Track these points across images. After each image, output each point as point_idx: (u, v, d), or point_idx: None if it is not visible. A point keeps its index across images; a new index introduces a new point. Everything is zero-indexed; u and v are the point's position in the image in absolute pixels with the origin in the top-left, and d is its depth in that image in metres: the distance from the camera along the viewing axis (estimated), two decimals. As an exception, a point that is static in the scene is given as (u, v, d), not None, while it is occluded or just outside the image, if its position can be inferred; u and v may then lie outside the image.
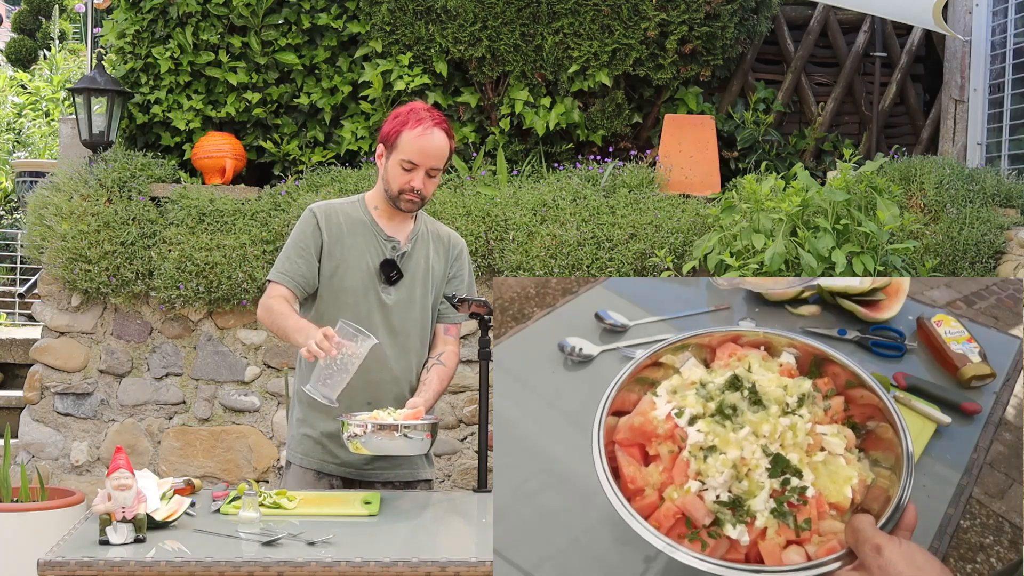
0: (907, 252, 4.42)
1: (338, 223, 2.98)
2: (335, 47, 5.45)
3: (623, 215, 4.86)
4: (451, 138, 2.98)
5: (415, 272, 3.02)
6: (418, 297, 3.03)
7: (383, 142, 2.97)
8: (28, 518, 4.28)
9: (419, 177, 2.92)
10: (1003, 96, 5.49)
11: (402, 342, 3.02)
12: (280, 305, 2.91)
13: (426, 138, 2.90)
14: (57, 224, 4.88)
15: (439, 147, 2.93)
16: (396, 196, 2.95)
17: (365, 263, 2.98)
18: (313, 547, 2.31)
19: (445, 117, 3.00)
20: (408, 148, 2.91)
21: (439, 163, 2.94)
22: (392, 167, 2.94)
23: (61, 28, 14.05)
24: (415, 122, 2.91)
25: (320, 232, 2.97)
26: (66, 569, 2.16)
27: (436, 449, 4.93)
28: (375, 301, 2.98)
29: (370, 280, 2.98)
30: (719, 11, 5.33)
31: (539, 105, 5.39)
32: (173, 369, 4.97)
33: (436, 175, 2.96)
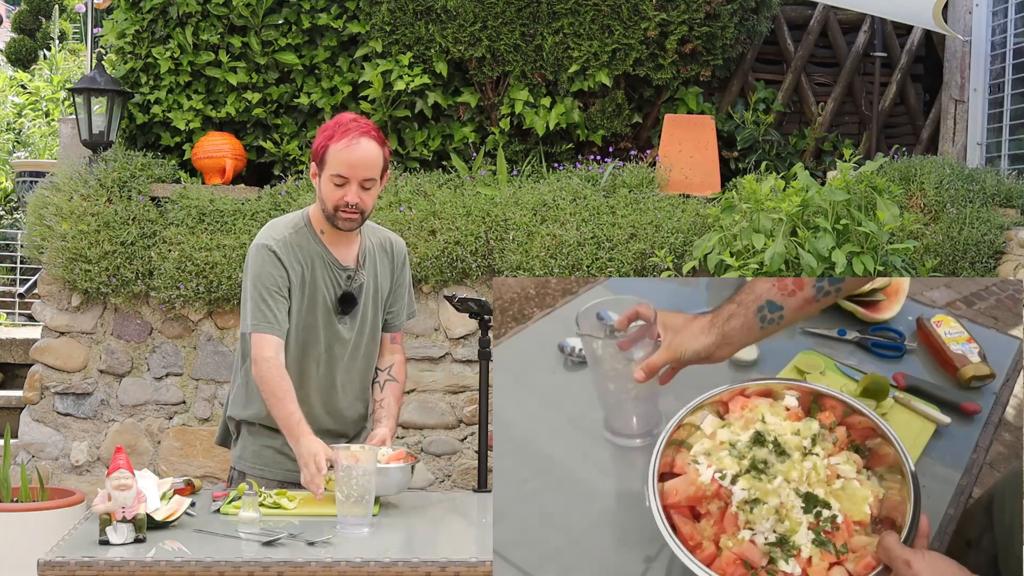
0: (907, 252, 4.42)
1: (298, 259, 2.85)
2: (335, 47, 5.45)
3: (623, 215, 4.86)
4: (383, 145, 2.82)
5: (367, 295, 2.96)
6: (369, 317, 2.97)
7: (314, 160, 2.84)
8: (28, 518, 4.28)
9: (352, 191, 2.77)
10: (1003, 96, 5.49)
11: (359, 365, 2.99)
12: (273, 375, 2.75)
13: (352, 149, 2.76)
14: (57, 224, 4.88)
15: (368, 156, 2.77)
16: (332, 214, 2.81)
17: (324, 297, 2.89)
18: (313, 547, 2.31)
19: (374, 125, 2.84)
20: (336, 162, 2.77)
21: (371, 173, 2.78)
22: (325, 184, 2.80)
23: (61, 28, 14.04)
24: (340, 134, 2.78)
25: (284, 269, 2.83)
26: (66, 569, 2.16)
27: (436, 449, 4.94)
28: (334, 333, 2.91)
29: (329, 313, 2.90)
30: (719, 11, 5.33)
31: (539, 105, 5.39)
32: (173, 369, 4.97)
33: (372, 186, 2.80)
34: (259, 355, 2.78)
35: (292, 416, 2.73)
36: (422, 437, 4.92)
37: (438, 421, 4.93)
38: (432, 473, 4.92)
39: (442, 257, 4.82)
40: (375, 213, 4.84)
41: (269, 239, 2.86)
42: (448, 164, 5.42)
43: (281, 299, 2.82)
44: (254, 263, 2.85)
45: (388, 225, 4.79)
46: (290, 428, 2.73)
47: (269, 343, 2.78)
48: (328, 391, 2.97)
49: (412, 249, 4.80)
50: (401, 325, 3.09)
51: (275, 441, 2.96)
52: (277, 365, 2.77)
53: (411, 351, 4.90)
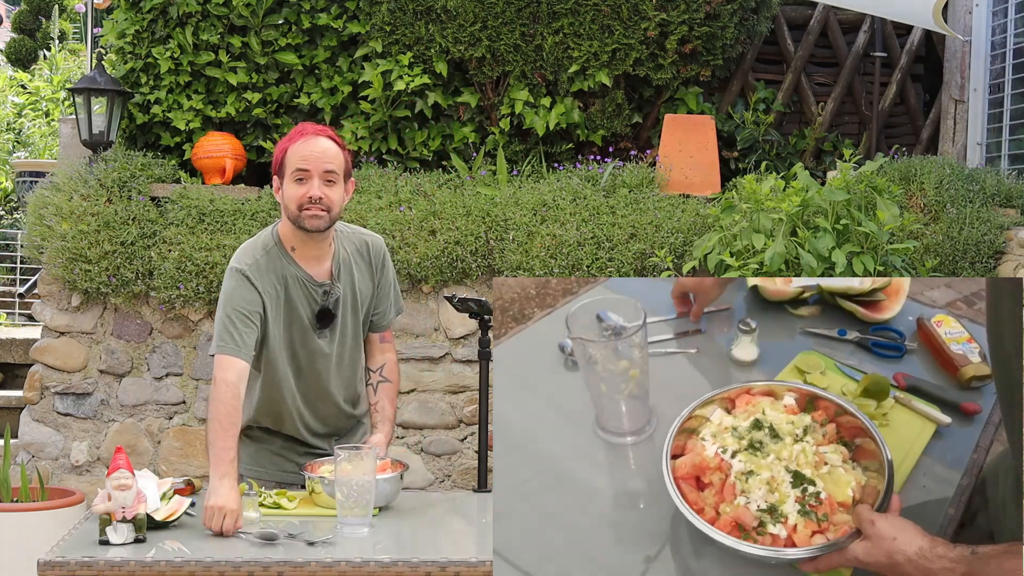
0: (907, 252, 4.42)
1: (271, 282, 2.81)
2: (335, 47, 5.45)
3: (623, 215, 4.86)
4: (341, 147, 2.81)
5: (344, 306, 2.91)
6: (350, 327, 2.93)
7: (275, 174, 2.82)
8: (28, 518, 4.28)
9: (315, 184, 2.73)
10: (1003, 96, 5.49)
11: (345, 373, 2.97)
12: (225, 399, 2.65)
13: (310, 143, 2.75)
14: (57, 224, 4.88)
15: (327, 150, 2.75)
16: (298, 215, 2.75)
17: (301, 316, 2.85)
18: (313, 547, 2.31)
19: (332, 130, 2.86)
20: (294, 159, 2.75)
21: (332, 166, 2.75)
22: (288, 187, 2.76)
23: (61, 28, 14.04)
24: (296, 136, 2.78)
25: (257, 293, 2.78)
26: (66, 569, 2.17)
27: (436, 449, 4.94)
28: (315, 348, 2.89)
29: (307, 331, 2.87)
30: (719, 11, 5.33)
31: (539, 105, 5.39)
32: (173, 369, 4.97)
33: (335, 181, 2.76)
34: (221, 377, 2.68)
35: (229, 452, 2.59)
36: (422, 437, 4.92)
37: (438, 421, 4.93)
38: (432, 473, 4.92)
39: (442, 257, 4.82)
40: (374, 215, 4.84)
41: (242, 263, 2.80)
42: (448, 164, 5.42)
43: (251, 324, 2.75)
44: (227, 286, 2.79)
45: (388, 225, 4.80)
46: (220, 463, 2.56)
47: (232, 366, 2.69)
48: (315, 403, 2.95)
49: (412, 249, 4.80)
50: (389, 324, 3.06)
51: (272, 444, 2.97)
52: (235, 394, 2.66)
53: (411, 351, 4.90)
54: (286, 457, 2.96)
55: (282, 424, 2.95)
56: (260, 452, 2.97)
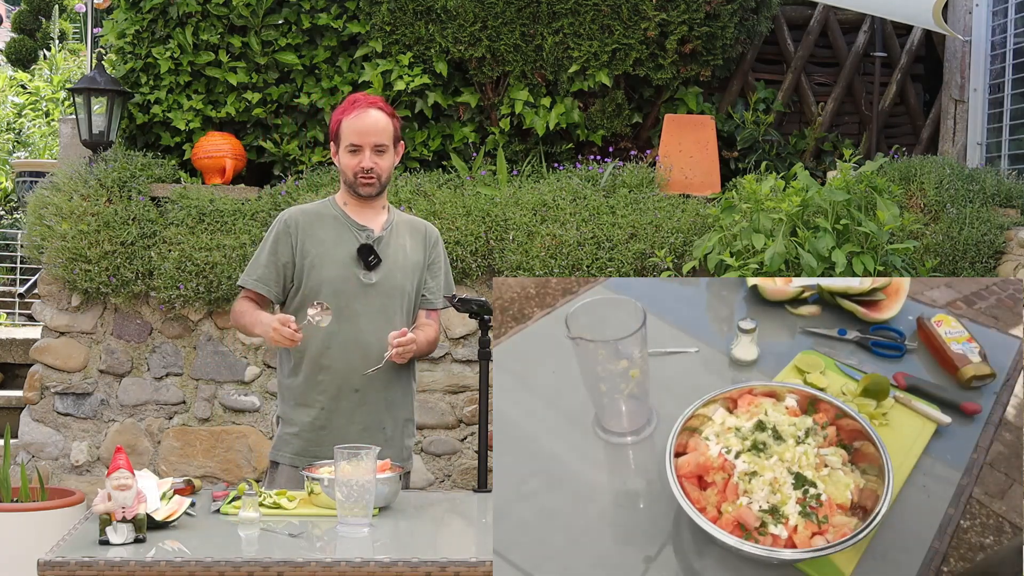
0: (907, 252, 4.42)
1: (308, 221, 3.10)
2: (335, 47, 5.45)
3: (623, 215, 4.86)
4: (392, 116, 3.09)
5: (394, 258, 3.10)
6: (399, 283, 3.10)
7: (332, 140, 3.11)
8: (28, 518, 4.28)
9: (367, 156, 3.04)
10: (1003, 96, 5.49)
11: (385, 327, 3.04)
12: (241, 305, 3.11)
13: (361, 118, 3.03)
14: (57, 224, 4.88)
15: (376, 122, 3.04)
16: (353, 181, 3.07)
17: (341, 253, 3.06)
18: (313, 546, 2.31)
19: (383, 100, 3.12)
20: (348, 132, 3.04)
21: (382, 139, 3.05)
22: (343, 156, 3.07)
23: (61, 28, 14.04)
24: (349, 108, 3.06)
25: (290, 235, 3.08)
26: (66, 569, 2.16)
27: (436, 449, 4.94)
28: (356, 287, 3.05)
29: (348, 268, 3.05)
30: (719, 11, 5.33)
31: (539, 105, 5.39)
32: (173, 369, 4.97)
33: (385, 151, 3.06)
34: (233, 304, 3.17)
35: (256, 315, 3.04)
36: (422, 437, 4.92)
37: (438, 421, 4.93)
38: (432, 473, 4.92)
39: (442, 257, 4.82)
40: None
41: (292, 209, 3.16)
42: (448, 164, 5.42)
43: (275, 261, 3.08)
44: (270, 229, 3.14)
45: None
46: (256, 323, 3.02)
47: (244, 295, 3.13)
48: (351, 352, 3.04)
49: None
50: (438, 305, 3.22)
51: (291, 427, 3.08)
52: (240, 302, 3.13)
53: (411, 351, 4.90)
54: (313, 442, 3.07)
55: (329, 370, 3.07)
56: (292, 440, 3.09)
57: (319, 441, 3.02)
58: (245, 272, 3.14)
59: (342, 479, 2.47)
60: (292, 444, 3.07)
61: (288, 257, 3.08)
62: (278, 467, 3.08)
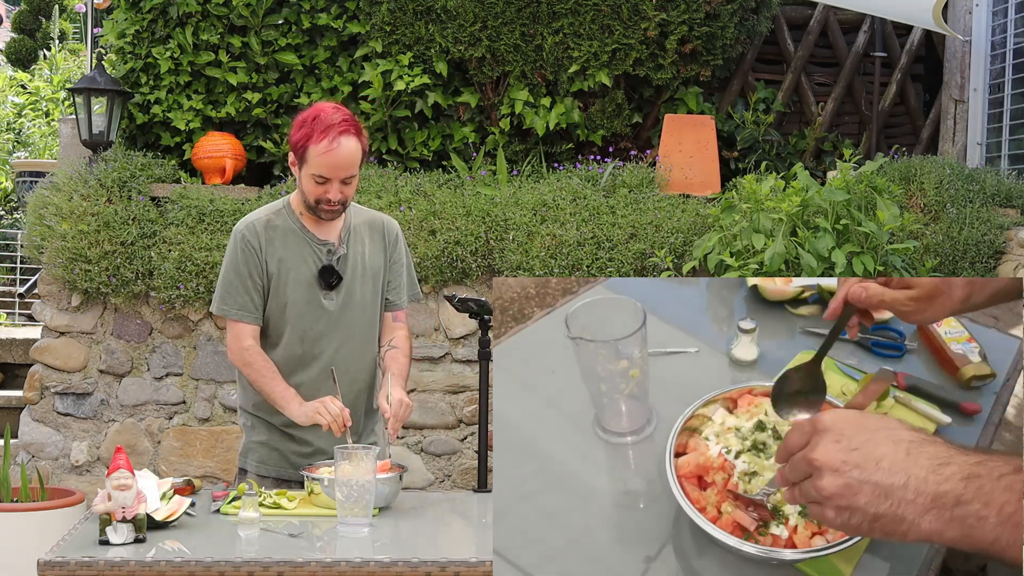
0: (907, 252, 4.42)
1: (270, 238, 2.90)
2: (335, 47, 5.45)
3: (623, 215, 4.86)
4: (359, 134, 2.83)
5: (354, 270, 2.95)
6: (359, 295, 2.96)
7: (292, 150, 2.86)
8: (28, 518, 4.28)
9: (334, 188, 2.82)
10: (1003, 96, 5.49)
11: (353, 344, 2.96)
12: (257, 359, 2.87)
13: (333, 153, 2.77)
14: (57, 224, 4.88)
15: (349, 156, 2.80)
16: (314, 207, 2.87)
17: (303, 273, 2.90)
18: (313, 546, 2.31)
19: (351, 116, 2.85)
20: (316, 164, 2.80)
21: (352, 171, 2.82)
22: (305, 179, 2.84)
23: (61, 28, 14.03)
24: (320, 134, 2.78)
25: (256, 253, 2.89)
26: (66, 569, 2.16)
27: (436, 449, 4.94)
28: (318, 309, 2.91)
29: (310, 290, 2.90)
30: (719, 11, 5.33)
31: (539, 105, 5.39)
32: (173, 369, 4.97)
33: (353, 178, 2.84)
34: (234, 343, 2.90)
35: (287, 390, 2.84)
36: (422, 437, 4.92)
37: (438, 421, 4.93)
38: (432, 473, 4.92)
39: (442, 257, 4.82)
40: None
41: (248, 223, 2.93)
42: (448, 164, 5.42)
43: (255, 284, 2.89)
44: (232, 248, 2.92)
45: (388, 225, 4.80)
46: (287, 400, 2.82)
47: (245, 332, 2.89)
48: (317, 375, 2.93)
49: (412, 249, 4.79)
50: (403, 305, 3.08)
51: (272, 436, 2.98)
52: (258, 350, 2.89)
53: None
54: (281, 453, 2.98)
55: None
56: (258, 448, 2.99)
57: (285, 451, 2.98)
58: (228, 301, 2.90)
59: (342, 479, 2.47)
60: (258, 452, 3.00)
61: (258, 277, 2.90)
62: (246, 474, 3.00)
